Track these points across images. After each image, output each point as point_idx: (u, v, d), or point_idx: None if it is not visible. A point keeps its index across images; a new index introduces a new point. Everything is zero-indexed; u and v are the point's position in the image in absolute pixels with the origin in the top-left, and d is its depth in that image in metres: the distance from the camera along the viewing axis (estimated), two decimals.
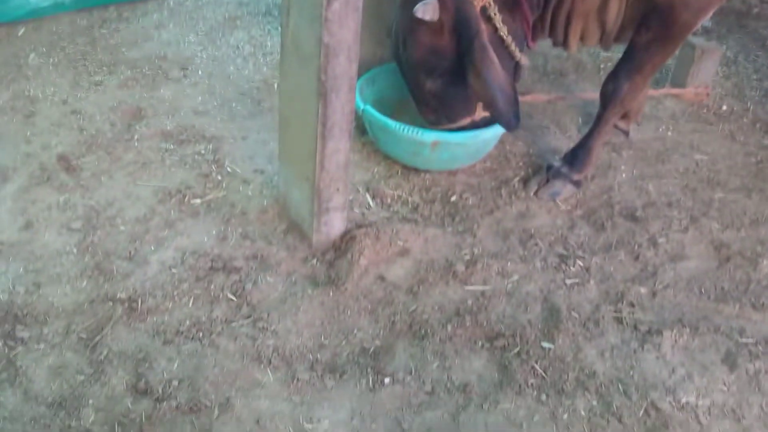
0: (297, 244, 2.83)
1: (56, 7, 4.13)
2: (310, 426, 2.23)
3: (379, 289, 2.67)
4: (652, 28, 2.88)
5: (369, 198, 3.09)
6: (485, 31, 2.77)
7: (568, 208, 3.13)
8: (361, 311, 2.60)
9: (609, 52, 3.70)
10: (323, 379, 2.36)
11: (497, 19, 2.81)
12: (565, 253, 2.90)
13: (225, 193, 3.04)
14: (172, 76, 3.77)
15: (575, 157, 3.19)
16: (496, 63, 2.74)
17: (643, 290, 2.76)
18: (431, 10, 2.68)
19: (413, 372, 2.41)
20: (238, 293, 2.61)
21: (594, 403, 2.35)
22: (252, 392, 2.31)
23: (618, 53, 3.13)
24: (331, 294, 2.63)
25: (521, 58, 2.97)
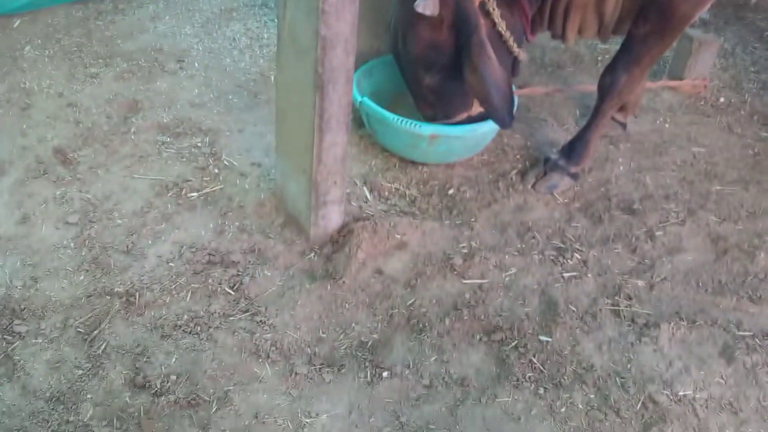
0: (294, 237, 2.82)
1: None
2: (308, 420, 2.23)
3: (376, 283, 2.67)
4: (650, 20, 2.87)
5: (366, 191, 3.08)
6: (484, 26, 2.76)
7: (565, 200, 3.13)
8: (359, 305, 2.60)
9: (607, 45, 3.70)
10: (321, 373, 2.37)
11: (496, 14, 2.80)
12: (563, 246, 2.90)
13: (222, 186, 3.03)
14: (168, 69, 3.76)
15: (573, 150, 3.19)
16: (494, 59, 2.74)
17: (641, 283, 2.76)
18: (432, 5, 2.67)
19: (411, 366, 2.41)
20: (235, 287, 2.61)
21: (591, 396, 2.35)
22: (250, 386, 2.31)
23: (616, 45, 3.13)
24: (328, 288, 2.63)
25: (519, 52, 2.96)
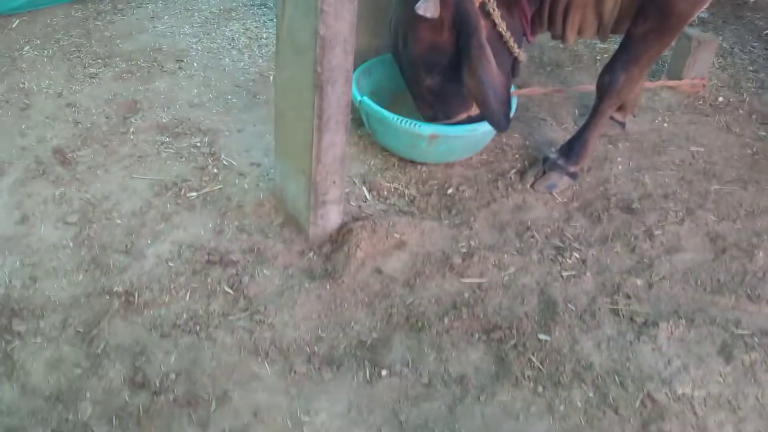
0: (293, 237, 2.82)
1: None
2: (307, 418, 2.23)
3: (376, 282, 2.67)
4: (649, 19, 2.87)
5: (365, 191, 3.09)
6: (484, 28, 2.76)
7: (564, 200, 3.14)
8: (358, 304, 2.60)
9: (606, 44, 3.70)
10: (320, 372, 2.37)
11: (496, 14, 2.80)
12: (562, 245, 2.90)
13: (221, 186, 3.03)
14: (167, 69, 3.76)
15: (571, 149, 3.19)
16: (492, 62, 2.73)
17: (640, 282, 2.76)
18: (433, 6, 2.66)
19: (410, 364, 2.41)
20: (234, 286, 2.61)
21: (590, 394, 2.35)
22: (249, 385, 2.31)
23: (614, 45, 3.13)
24: (327, 287, 2.63)
25: (519, 53, 2.96)
